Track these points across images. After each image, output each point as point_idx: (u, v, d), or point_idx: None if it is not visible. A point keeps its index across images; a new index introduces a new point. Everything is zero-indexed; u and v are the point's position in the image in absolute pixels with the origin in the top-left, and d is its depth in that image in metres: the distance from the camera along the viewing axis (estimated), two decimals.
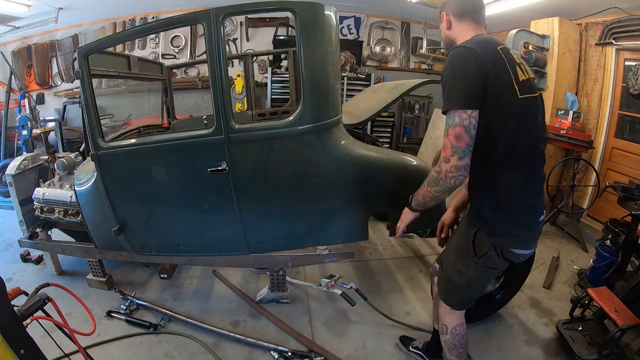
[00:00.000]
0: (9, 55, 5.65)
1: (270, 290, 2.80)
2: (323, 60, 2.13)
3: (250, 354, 2.33)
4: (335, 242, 2.53)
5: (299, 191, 2.35)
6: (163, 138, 2.43)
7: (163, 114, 3.89)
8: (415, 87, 2.64)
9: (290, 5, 2.04)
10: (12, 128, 5.33)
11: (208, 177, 2.21)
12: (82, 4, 5.18)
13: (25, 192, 2.86)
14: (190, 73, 6.23)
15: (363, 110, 2.67)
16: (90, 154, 2.27)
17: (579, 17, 4.37)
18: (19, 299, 1.35)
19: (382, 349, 2.40)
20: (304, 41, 2.03)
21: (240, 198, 2.29)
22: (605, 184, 3.44)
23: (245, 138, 2.16)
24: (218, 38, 2.01)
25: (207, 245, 2.59)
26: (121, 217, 2.42)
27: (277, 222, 2.44)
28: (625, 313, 2.22)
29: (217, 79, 2.05)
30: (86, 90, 2.18)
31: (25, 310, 1.32)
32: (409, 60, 6.72)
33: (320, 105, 2.18)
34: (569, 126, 4.03)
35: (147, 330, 2.49)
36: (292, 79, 4.75)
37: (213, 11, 1.98)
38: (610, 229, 2.99)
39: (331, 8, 2.13)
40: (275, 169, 2.29)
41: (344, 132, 2.32)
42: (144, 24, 5.74)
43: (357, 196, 2.37)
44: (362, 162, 2.32)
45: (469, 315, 2.58)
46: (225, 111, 2.09)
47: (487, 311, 2.65)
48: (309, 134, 2.18)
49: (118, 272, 3.17)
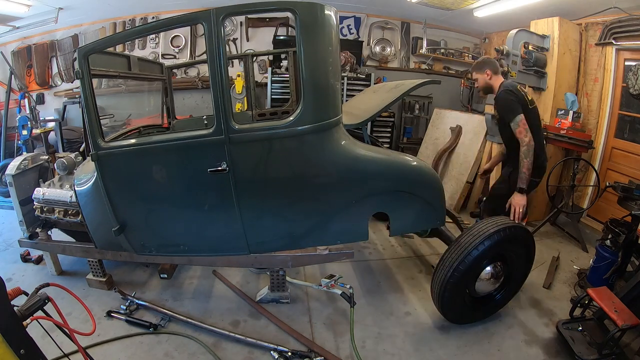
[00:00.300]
0: (9, 55, 5.65)
1: (270, 290, 2.81)
2: (323, 60, 2.13)
3: (251, 354, 2.33)
4: (335, 242, 2.53)
5: (299, 191, 2.35)
6: (163, 138, 2.43)
7: (163, 114, 3.89)
8: (416, 87, 2.64)
9: (291, 5, 2.04)
10: (12, 128, 5.34)
11: (208, 177, 2.21)
12: (82, 4, 5.18)
13: (25, 192, 2.86)
14: (190, 73, 6.23)
15: (363, 110, 2.67)
16: (90, 154, 2.27)
17: (579, 17, 4.37)
18: (19, 299, 1.35)
19: (382, 349, 2.40)
20: (304, 41, 2.03)
21: (241, 198, 2.28)
22: (605, 184, 3.44)
23: (245, 138, 2.16)
24: (218, 38, 2.00)
25: (207, 246, 2.59)
26: (121, 217, 2.42)
27: (277, 222, 2.44)
28: (625, 313, 2.22)
29: (217, 79, 2.05)
30: (86, 90, 2.18)
31: (25, 310, 1.32)
32: (409, 60, 6.72)
33: (321, 106, 2.18)
34: (569, 126, 4.03)
35: (147, 330, 2.49)
36: (292, 79, 4.74)
37: (213, 11, 1.98)
38: (610, 229, 2.99)
39: (331, 8, 2.13)
40: (275, 169, 2.29)
41: (344, 132, 2.32)
42: (144, 24, 5.74)
43: (357, 196, 2.37)
44: (362, 162, 2.32)
45: (469, 315, 2.58)
46: (225, 111, 2.09)
47: (486, 311, 2.66)
48: (309, 134, 2.18)
49: (118, 272, 3.17)
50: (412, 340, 2.48)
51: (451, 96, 6.45)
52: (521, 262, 2.57)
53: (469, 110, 6.13)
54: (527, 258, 2.58)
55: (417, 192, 2.41)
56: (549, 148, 4.25)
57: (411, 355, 2.36)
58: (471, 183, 4.75)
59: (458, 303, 2.47)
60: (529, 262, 2.62)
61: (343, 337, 2.49)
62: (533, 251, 2.58)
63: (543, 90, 4.45)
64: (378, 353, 2.37)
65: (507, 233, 2.33)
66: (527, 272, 2.66)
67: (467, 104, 6.35)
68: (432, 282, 2.48)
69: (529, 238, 2.51)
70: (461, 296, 2.47)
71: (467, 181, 4.71)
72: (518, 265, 2.57)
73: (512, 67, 4.08)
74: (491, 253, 2.37)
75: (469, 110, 6.13)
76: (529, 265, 2.63)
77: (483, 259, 2.36)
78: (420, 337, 2.52)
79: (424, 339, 2.50)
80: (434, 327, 2.59)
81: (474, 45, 6.92)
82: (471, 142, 4.88)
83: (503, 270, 2.53)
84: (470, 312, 2.59)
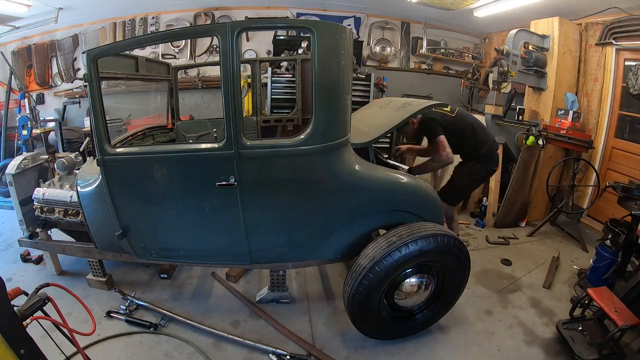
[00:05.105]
0: (9, 55, 5.65)
1: (270, 290, 2.81)
2: (337, 80, 2.10)
3: (250, 354, 2.34)
4: (336, 257, 2.49)
5: (304, 208, 2.33)
6: (171, 149, 2.38)
7: (168, 115, 3.88)
8: (424, 109, 2.67)
9: (309, 24, 2.00)
10: (12, 128, 5.34)
11: (215, 190, 2.18)
12: (82, 4, 5.18)
13: (25, 192, 2.86)
14: (190, 73, 6.22)
15: (371, 127, 2.64)
16: (96, 159, 2.24)
17: (579, 17, 4.37)
18: (19, 299, 1.35)
19: (382, 349, 2.40)
20: (320, 61, 1.99)
21: (246, 212, 2.26)
22: (605, 184, 3.44)
23: (255, 155, 2.13)
24: (233, 52, 1.96)
25: (210, 255, 2.58)
26: (124, 222, 2.41)
27: (281, 237, 2.42)
28: (625, 313, 2.22)
29: (230, 94, 2.00)
30: (94, 94, 2.09)
31: (25, 310, 1.32)
32: (409, 60, 6.72)
33: (332, 126, 2.16)
34: (569, 126, 4.03)
35: (147, 329, 2.49)
36: (299, 87, 4.72)
37: (229, 25, 1.94)
38: (610, 229, 2.99)
39: (347, 29, 2.11)
40: (282, 186, 2.27)
41: (352, 151, 2.31)
42: (157, 31, 5.67)
43: (361, 215, 2.37)
44: (366, 182, 2.32)
45: (388, 330, 2.42)
46: (236, 127, 2.05)
47: (411, 327, 2.49)
48: (319, 153, 2.16)
49: (118, 272, 3.17)
50: (412, 340, 2.48)
51: (451, 96, 6.44)
52: (454, 278, 2.39)
53: (469, 111, 6.13)
54: (460, 273, 2.39)
55: (417, 211, 2.40)
56: (549, 148, 4.26)
57: (411, 356, 2.36)
58: None
59: (372, 314, 2.29)
60: (462, 278, 2.42)
61: (343, 336, 2.49)
62: (467, 266, 2.38)
63: (543, 90, 4.45)
64: (378, 352, 2.38)
65: (435, 242, 2.16)
66: (460, 289, 2.47)
67: (467, 104, 6.35)
68: (343, 289, 2.32)
69: (462, 250, 2.30)
70: (375, 307, 2.27)
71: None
72: (450, 281, 2.40)
73: (512, 67, 4.08)
74: (413, 262, 2.19)
75: (469, 111, 6.13)
76: (462, 282, 2.43)
77: (401, 267, 2.18)
78: (421, 337, 2.51)
79: (424, 339, 2.49)
80: (434, 327, 2.59)
81: (474, 45, 6.92)
82: None
83: (431, 285, 2.35)
84: (390, 326, 2.41)
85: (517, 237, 4.10)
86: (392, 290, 2.31)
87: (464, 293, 2.54)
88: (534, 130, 4.15)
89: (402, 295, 2.31)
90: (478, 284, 3.15)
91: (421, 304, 2.45)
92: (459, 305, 2.61)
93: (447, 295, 2.47)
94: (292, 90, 4.97)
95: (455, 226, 3.40)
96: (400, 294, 2.31)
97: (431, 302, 2.47)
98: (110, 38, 5.94)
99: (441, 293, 2.45)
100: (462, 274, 2.40)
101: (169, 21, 6.00)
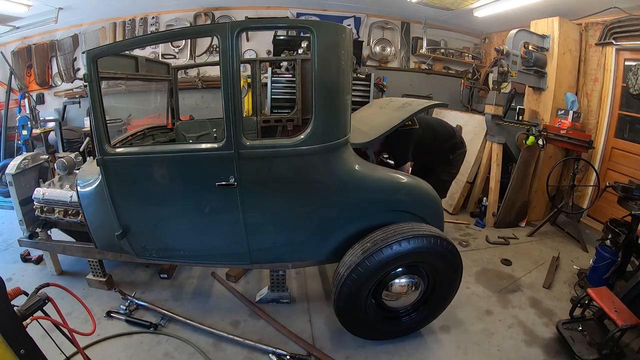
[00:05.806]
0: (9, 55, 5.65)
1: (270, 290, 2.81)
2: (337, 80, 2.09)
3: (250, 354, 2.34)
4: (336, 257, 2.46)
5: (304, 208, 2.32)
6: (171, 149, 2.37)
7: (168, 115, 3.88)
8: (424, 109, 2.66)
9: (309, 24, 2.00)
10: (12, 128, 5.34)
11: (215, 190, 2.19)
12: (82, 4, 5.18)
13: (25, 191, 2.86)
14: (190, 73, 6.22)
15: (371, 127, 2.64)
16: (96, 159, 2.24)
17: (579, 17, 4.37)
18: (19, 299, 1.35)
19: (382, 349, 2.40)
20: (320, 62, 1.99)
21: (247, 213, 2.26)
22: (605, 184, 3.44)
23: (255, 155, 2.13)
24: (233, 52, 1.96)
25: (210, 255, 2.58)
26: (124, 222, 2.41)
27: (282, 237, 2.42)
28: (625, 313, 2.22)
29: (230, 94, 2.00)
30: (94, 94, 2.09)
31: (25, 310, 1.32)
32: (409, 60, 6.72)
33: (331, 126, 2.16)
34: (569, 126, 4.03)
35: (147, 330, 2.49)
36: (299, 87, 4.71)
37: (229, 25, 1.93)
38: (610, 229, 2.99)
39: (347, 29, 2.11)
40: (282, 186, 2.27)
41: (352, 151, 2.31)
42: (158, 31, 5.68)
43: (360, 215, 2.36)
44: (366, 182, 2.32)
45: (376, 330, 2.41)
46: (236, 127, 2.05)
47: (399, 329, 2.47)
48: (319, 153, 2.16)
49: (118, 272, 3.17)
50: (412, 340, 2.48)
51: (451, 96, 6.45)
52: (445, 281, 2.36)
53: (469, 110, 6.14)
54: (452, 277, 2.36)
55: (417, 211, 2.40)
56: (549, 148, 4.26)
57: (411, 355, 2.36)
58: (471, 183, 4.75)
59: (359, 312, 2.28)
60: (454, 282, 2.39)
61: (343, 336, 2.49)
62: (460, 271, 2.36)
63: (543, 90, 4.45)
64: (378, 352, 2.38)
65: (425, 243, 2.14)
66: (451, 294, 2.43)
67: (467, 103, 6.35)
68: (332, 283, 2.31)
69: (454, 254, 2.26)
70: (362, 305, 2.27)
71: (467, 181, 4.71)
72: (441, 284, 2.37)
73: (512, 67, 4.08)
74: (403, 261, 2.18)
75: (469, 110, 6.14)
76: (453, 286, 2.40)
77: (390, 265, 2.17)
78: (421, 337, 2.51)
79: (424, 339, 2.50)
80: (434, 327, 2.59)
81: (474, 45, 6.93)
82: (471, 142, 4.87)
83: (420, 285, 2.32)
84: (378, 326, 2.40)
85: (517, 237, 4.10)
86: (380, 290, 2.31)
87: (464, 293, 2.54)
88: (534, 130, 4.15)
89: (391, 296, 2.32)
90: (478, 283, 3.15)
91: (409, 306, 2.43)
92: (459, 305, 2.61)
93: (439, 296, 2.43)
94: (292, 90, 4.98)
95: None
96: (389, 295, 2.32)
97: (421, 303, 2.45)
98: (110, 38, 5.94)
99: (432, 294, 2.43)
100: (453, 275, 2.37)
101: (169, 21, 6.00)
